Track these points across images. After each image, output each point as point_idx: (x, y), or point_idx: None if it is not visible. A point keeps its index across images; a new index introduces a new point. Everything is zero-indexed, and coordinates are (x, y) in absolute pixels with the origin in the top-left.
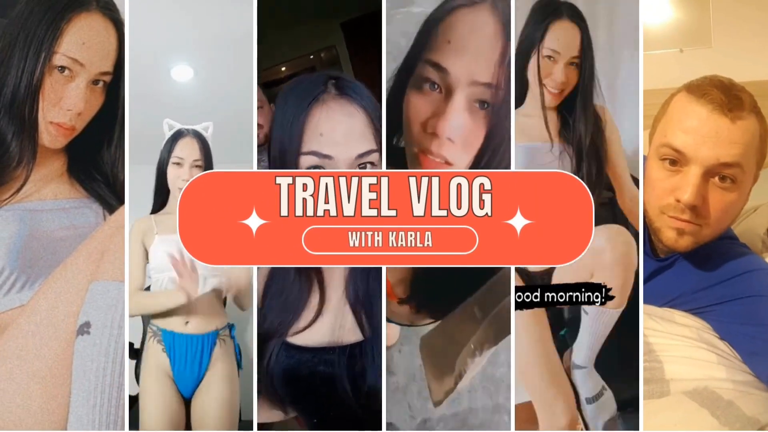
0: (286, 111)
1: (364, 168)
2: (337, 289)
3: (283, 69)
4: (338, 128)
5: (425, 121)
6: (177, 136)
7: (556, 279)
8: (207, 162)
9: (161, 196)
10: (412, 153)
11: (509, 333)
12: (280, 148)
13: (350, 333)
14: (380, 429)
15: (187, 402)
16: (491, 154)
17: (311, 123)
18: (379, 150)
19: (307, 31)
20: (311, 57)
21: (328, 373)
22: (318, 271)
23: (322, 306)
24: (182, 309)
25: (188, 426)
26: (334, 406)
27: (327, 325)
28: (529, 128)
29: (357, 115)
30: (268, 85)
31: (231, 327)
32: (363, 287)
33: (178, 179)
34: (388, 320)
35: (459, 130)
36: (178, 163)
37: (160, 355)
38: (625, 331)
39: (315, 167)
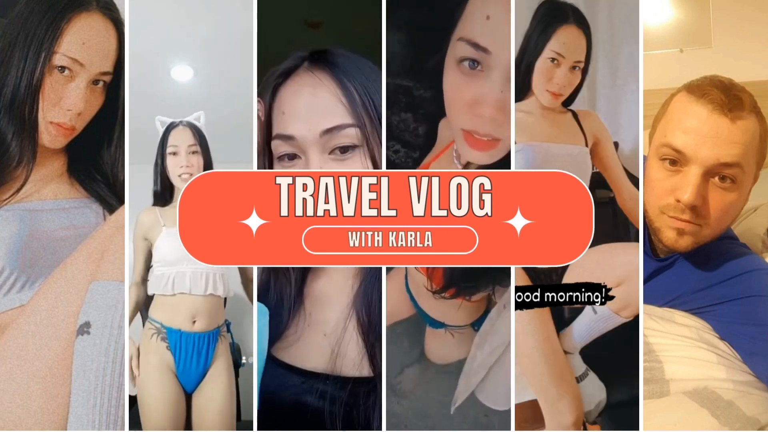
0: (261, 95)
1: (345, 151)
2: (338, 309)
3: None
4: (299, 103)
5: (468, 101)
6: (169, 128)
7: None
8: (203, 148)
9: (163, 190)
10: (458, 132)
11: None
12: (262, 141)
13: (352, 364)
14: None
15: (188, 397)
16: None
17: (276, 103)
18: (359, 125)
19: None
20: None
21: (319, 409)
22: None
23: (307, 316)
24: (190, 308)
25: (188, 420)
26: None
27: (325, 347)
28: (529, 127)
29: (322, 86)
30: None
31: (228, 322)
32: (368, 310)
33: (176, 167)
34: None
35: (504, 108)
36: (174, 153)
37: (164, 352)
38: (625, 331)
39: (283, 155)
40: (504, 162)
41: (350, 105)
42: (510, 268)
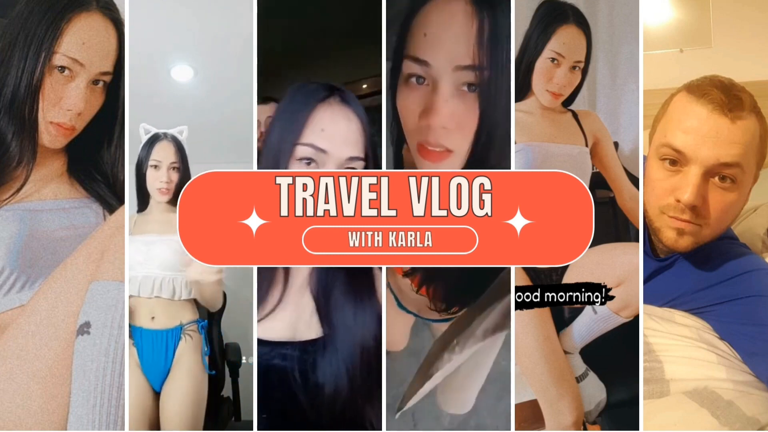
0: (291, 106)
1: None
2: (298, 279)
3: (365, 86)
4: (338, 128)
5: (418, 114)
6: (154, 139)
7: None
8: (183, 164)
9: (142, 197)
10: (413, 147)
11: (503, 330)
12: (279, 137)
13: (307, 327)
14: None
15: (158, 396)
16: (488, 134)
17: (315, 118)
18: (365, 160)
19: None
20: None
21: (281, 367)
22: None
23: (283, 295)
24: (147, 306)
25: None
26: (285, 401)
27: (287, 318)
28: (529, 127)
29: (355, 121)
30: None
31: (200, 322)
32: (323, 279)
33: (156, 181)
34: (404, 308)
35: (451, 116)
36: (155, 166)
37: (131, 349)
38: (625, 331)
39: (306, 159)
40: (504, 162)
41: (366, 143)
42: (509, 278)
